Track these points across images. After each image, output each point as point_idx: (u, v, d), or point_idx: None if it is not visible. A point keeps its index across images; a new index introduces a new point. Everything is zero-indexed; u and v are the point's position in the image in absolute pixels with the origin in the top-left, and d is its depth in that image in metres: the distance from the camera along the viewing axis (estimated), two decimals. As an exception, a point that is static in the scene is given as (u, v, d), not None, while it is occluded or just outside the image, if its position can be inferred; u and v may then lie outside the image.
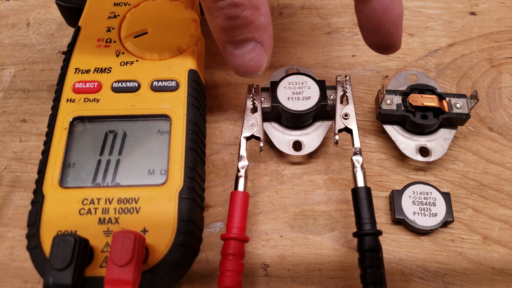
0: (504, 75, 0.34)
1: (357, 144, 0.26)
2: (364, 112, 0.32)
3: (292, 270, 0.26)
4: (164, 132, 0.24)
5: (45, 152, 0.23)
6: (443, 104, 0.28)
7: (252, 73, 0.24)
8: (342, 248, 0.27)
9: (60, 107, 0.24)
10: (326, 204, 0.28)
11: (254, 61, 0.23)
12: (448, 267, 0.26)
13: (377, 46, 0.25)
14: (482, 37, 0.36)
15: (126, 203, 0.21)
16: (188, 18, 0.28)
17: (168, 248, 0.20)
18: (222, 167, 0.30)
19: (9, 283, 0.26)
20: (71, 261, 0.18)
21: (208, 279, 0.26)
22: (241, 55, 0.23)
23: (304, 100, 0.28)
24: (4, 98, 0.32)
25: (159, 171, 0.22)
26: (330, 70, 0.34)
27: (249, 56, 0.23)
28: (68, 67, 0.26)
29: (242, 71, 0.24)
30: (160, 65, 0.26)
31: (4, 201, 0.28)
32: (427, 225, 0.27)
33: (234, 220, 0.24)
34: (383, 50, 0.26)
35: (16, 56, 0.34)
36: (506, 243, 0.27)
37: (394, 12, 0.23)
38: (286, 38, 0.35)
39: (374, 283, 0.22)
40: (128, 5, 0.29)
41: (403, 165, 0.30)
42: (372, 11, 0.23)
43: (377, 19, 0.23)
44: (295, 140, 0.29)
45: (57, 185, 0.22)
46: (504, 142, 0.31)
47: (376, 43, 0.25)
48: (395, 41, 0.24)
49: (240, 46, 0.23)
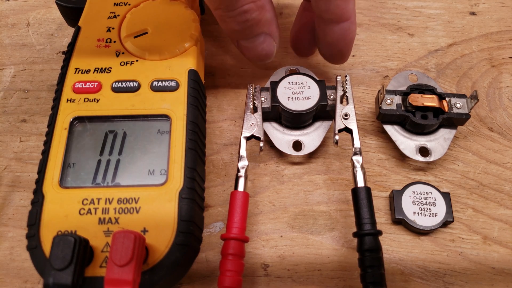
0: (504, 75, 0.34)
1: (357, 144, 0.26)
2: (364, 112, 0.32)
3: (292, 270, 0.26)
4: (164, 132, 0.24)
5: (45, 152, 0.23)
6: (443, 104, 0.28)
7: (265, 60, 0.28)
8: (342, 248, 0.27)
9: (60, 107, 0.24)
10: (326, 204, 0.28)
11: (266, 50, 0.27)
12: (448, 267, 0.26)
13: (329, 58, 0.30)
14: (482, 37, 0.36)
15: (126, 203, 0.21)
16: (188, 18, 0.28)
17: (168, 248, 0.20)
18: (222, 167, 0.30)
19: (9, 283, 0.26)
20: (71, 261, 0.18)
21: (208, 279, 0.26)
22: (254, 47, 0.27)
23: (304, 100, 0.28)
24: (4, 98, 0.32)
25: (159, 171, 0.22)
26: (330, 70, 0.34)
27: (261, 47, 0.27)
28: (68, 67, 0.26)
29: (257, 60, 0.28)
30: (160, 65, 0.26)
31: (4, 201, 0.28)
32: (427, 225, 0.27)
33: (234, 220, 0.24)
34: (334, 61, 0.30)
35: (16, 56, 0.34)
36: (506, 243, 0.27)
37: (350, 36, 0.27)
38: (286, 38, 0.35)
39: (374, 283, 0.22)
40: (128, 5, 0.29)
41: (403, 165, 0.30)
42: (332, 32, 0.27)
43: (334, 40, 0.27)
44: (295, 140, 0.29)
45: (57, 185, 0.22)
46: (504, 142, 0.31)
47: (329, 55, 0.29)
48: (345, 57, 0.29)
49: (253, 41, 0.27)
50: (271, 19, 0.26)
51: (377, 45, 0.35)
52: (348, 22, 0.26)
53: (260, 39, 0.26)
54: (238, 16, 0.24)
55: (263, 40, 0.27)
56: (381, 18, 0.37)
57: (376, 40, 0.35)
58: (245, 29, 0.26)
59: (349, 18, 0.26)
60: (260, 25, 0.26)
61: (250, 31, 0.26)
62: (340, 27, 0.26)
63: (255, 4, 0.24)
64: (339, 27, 0.26)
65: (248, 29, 0.26)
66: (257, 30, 0.26)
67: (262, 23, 0.26)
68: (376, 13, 0.37)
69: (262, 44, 0.27)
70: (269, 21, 0.26)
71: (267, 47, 0.27)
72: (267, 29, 0.26)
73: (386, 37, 0.36)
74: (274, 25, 0.26)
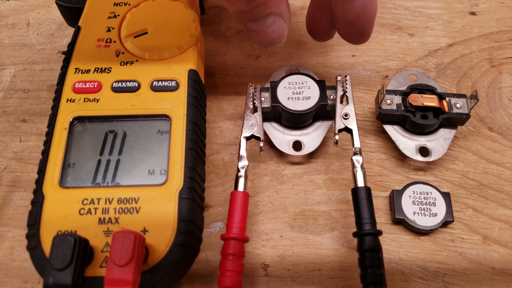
0: (504, 75, 0.34)
1: (357, 144, 0.26)
2: (364, 112, 0.32)
3: (292, 270, 0.26)
4: (164, 132, 0.24)
5: (45, 152, 0.23)
6: (443, 104, 0.28)
7: (276, 43, 0.25)
8: (342, 248, 0.27)
9: (60, 107, 0.24)
10: (326, 204, 0.28)
11: (277, 32, 0.25)
12: (448, 267, 0.26)
13: (350, 38, 0.27)
14: (482, 37, 0.36)
15: (126, 203, 0.21)
16: (188, 18, 0.28)
17: (168, 248, 0.20)
18: (222, 167, 0.30)
19: (9, 283, 0.26)
20: (71, 261, 0.18)
21: (208, 279, 0.26)
22: (263, 30, 0.24)
23: (304, 100, 0.28)
24: (4, 98, 0.32)
25: (159, 171, 0.22)
26: (330, 70, 0.34)
27: (271, 29, 0.24)
28: (68, 67, 0.26)
29: (267, 43, 0.25)
30: (160, 65, 0.26)
31: (4, 201, 0.28)
32: (427, 225, 0.27)
33: (234, 220, 0.24)
34: (355, 41, 0.28)
35: (16, 56, 0.34)
36: (506, 243, 0.27)
37: (371, 11, 0.25)
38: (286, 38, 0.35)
39: (374, 283, 0.22)
40: (128, 5, 0.29)
41: (403, 165, 0.30)
42: (352, 8, 0.25)
43: (355, 15, 0.25)
44: (295, 140, 0.29)
45: (57, 185, 0.22)
46: (504, 142, 0.31)
47: (349, 35, 0.27)
48: (367, 35, 0.27)
49: (262, 22, 0.24)
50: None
51: (377, 45, 0.35)
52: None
53: (270, 20, 0.24)
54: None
55: (273, 22, 0.24)
56: (381, 18, 0.37)
57: (376, 40, 0.35)
58: (252, 10, 0.23)
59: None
60: (269, 5, 0.23)
61: (258, 11, 0.23)
62: (360, 1, 0.24)
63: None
64: (360, 2, 0.24)
65: (256, 10, 0.23)
66: (266, 10, 0.24)
67: (271, 3, 0.23)
68: (376, 13, 0.37)
69: (272, 26, 0.24)
70: (278, 0, 0.24)
71: (278, 29, 0.24)
72: (277, 9, 0.24)
73: (386, 37, 0.36)
74: (284, 4, 0.24)
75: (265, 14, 0.24)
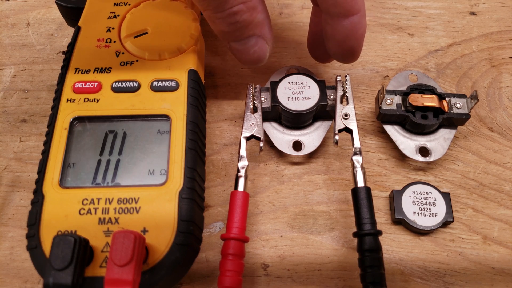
0: (504, 75, 0.34)
1: (357, 144, 0.26)
2: (364, 112, 0.32)
3: (292, 270, 0.26)
4: (164, 132, 0.24)
5: (45, 152, 0.23)
6: (443, 104, 0.28)
7: (258, 63, 0.27)
8: (342, 248, 0.27)
9: (60, 107, 0.24)
10: (326, 204, 0.28)
11: (258, 52, 0.26)
12: (448, 267, 0.26)
13: (339, 57, 0.28)
14: (482, 37, 0.36)
15: (126, 203, 0.21)
16: (188, 18, 0.28)
17: (168, 248, 0.20)
18: (222, 167, 0.30)
19: (9, 283, 0.26)
20: (71, 261, 0.18)
21: (208, 279, 0.26)
22: (246, 50, 0.26)
23: (304, 100, 0.28)
24: (4, 98, 0.32)
25: (159, 171, 0.22)
26: (330, 70, 0.34)
27: (253, 50, 0.26)
28: (68, 67, 0.26)
29: (248, 63, 0.27)
30: (160, 65, 0.26)
31: (4, 201, 0.28)
32: (427, 225, 0.27)
33: (234, 220, 0.24)
34: (345, 60, 0.28)
35: (16, 56, 0.34)
36: (506, 243, 0.27)
37: (361, 30, 0.25)
38: (286, 38, 0.35)
39: (374, 283, 0.22)
40: (128, 5, 0.29)
41: (403, 165, 0.30)
42: (341, 28, 0.25)
43: (344, 35, 0.25)
44: (295, 140, 0.29)
45: (57, 185, 0.22)
46: (504, 142, 0.31)
47: (339, 54, 0.27)
48: (356, 54, 0.27)
49: (244, 43, 0.25)
50: (263, 20, 0.25)
51: (377, 45, 0.35)
52: (358, 16, 0.25)
53: (252, 41, 0.25)
54: (227, 17, 0.24)
55: (255, 43, 0.25)
56: (381, 18, 0.37)
57: (376, 40, 0.35)
58: (235, 31, 0.25)
59: (359, 11, 0.25)
60: (251, 27, 0.25)
61: (240, 33, 0.25)
62: (349, 21, 0.25)
63: (245, 6, 0.23)
64: (349, 22, 0.25)
65: (238, 31, 0.25)
66: (248, 32, 0.25)
67: (254, 25, 0.24)
68: (376, 13, 0.37)
69: (254, 47, 0.25)
70: (261, 22, 0.25)
71: (259, 50, 0.26)
72: (259, 31, 0.25)
73: (386, 37, 0.36)
74: (266, 27, 0.25)
75: (247, 35, 0.25)
